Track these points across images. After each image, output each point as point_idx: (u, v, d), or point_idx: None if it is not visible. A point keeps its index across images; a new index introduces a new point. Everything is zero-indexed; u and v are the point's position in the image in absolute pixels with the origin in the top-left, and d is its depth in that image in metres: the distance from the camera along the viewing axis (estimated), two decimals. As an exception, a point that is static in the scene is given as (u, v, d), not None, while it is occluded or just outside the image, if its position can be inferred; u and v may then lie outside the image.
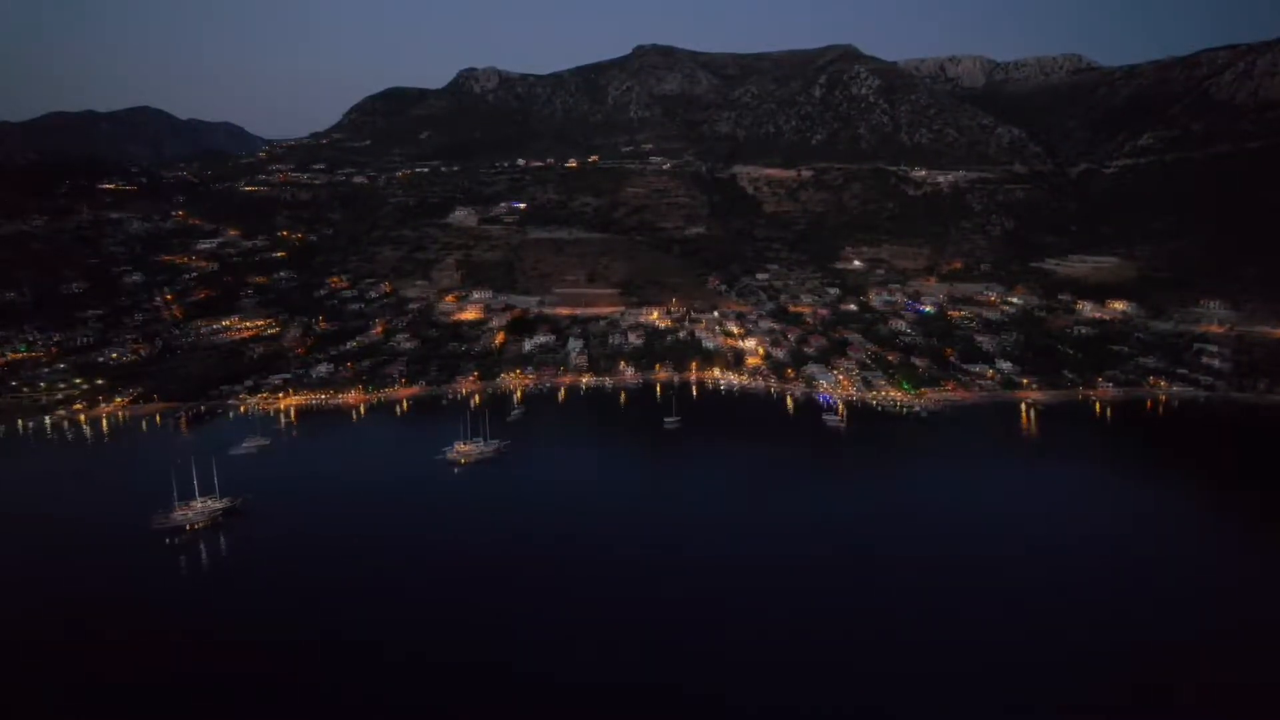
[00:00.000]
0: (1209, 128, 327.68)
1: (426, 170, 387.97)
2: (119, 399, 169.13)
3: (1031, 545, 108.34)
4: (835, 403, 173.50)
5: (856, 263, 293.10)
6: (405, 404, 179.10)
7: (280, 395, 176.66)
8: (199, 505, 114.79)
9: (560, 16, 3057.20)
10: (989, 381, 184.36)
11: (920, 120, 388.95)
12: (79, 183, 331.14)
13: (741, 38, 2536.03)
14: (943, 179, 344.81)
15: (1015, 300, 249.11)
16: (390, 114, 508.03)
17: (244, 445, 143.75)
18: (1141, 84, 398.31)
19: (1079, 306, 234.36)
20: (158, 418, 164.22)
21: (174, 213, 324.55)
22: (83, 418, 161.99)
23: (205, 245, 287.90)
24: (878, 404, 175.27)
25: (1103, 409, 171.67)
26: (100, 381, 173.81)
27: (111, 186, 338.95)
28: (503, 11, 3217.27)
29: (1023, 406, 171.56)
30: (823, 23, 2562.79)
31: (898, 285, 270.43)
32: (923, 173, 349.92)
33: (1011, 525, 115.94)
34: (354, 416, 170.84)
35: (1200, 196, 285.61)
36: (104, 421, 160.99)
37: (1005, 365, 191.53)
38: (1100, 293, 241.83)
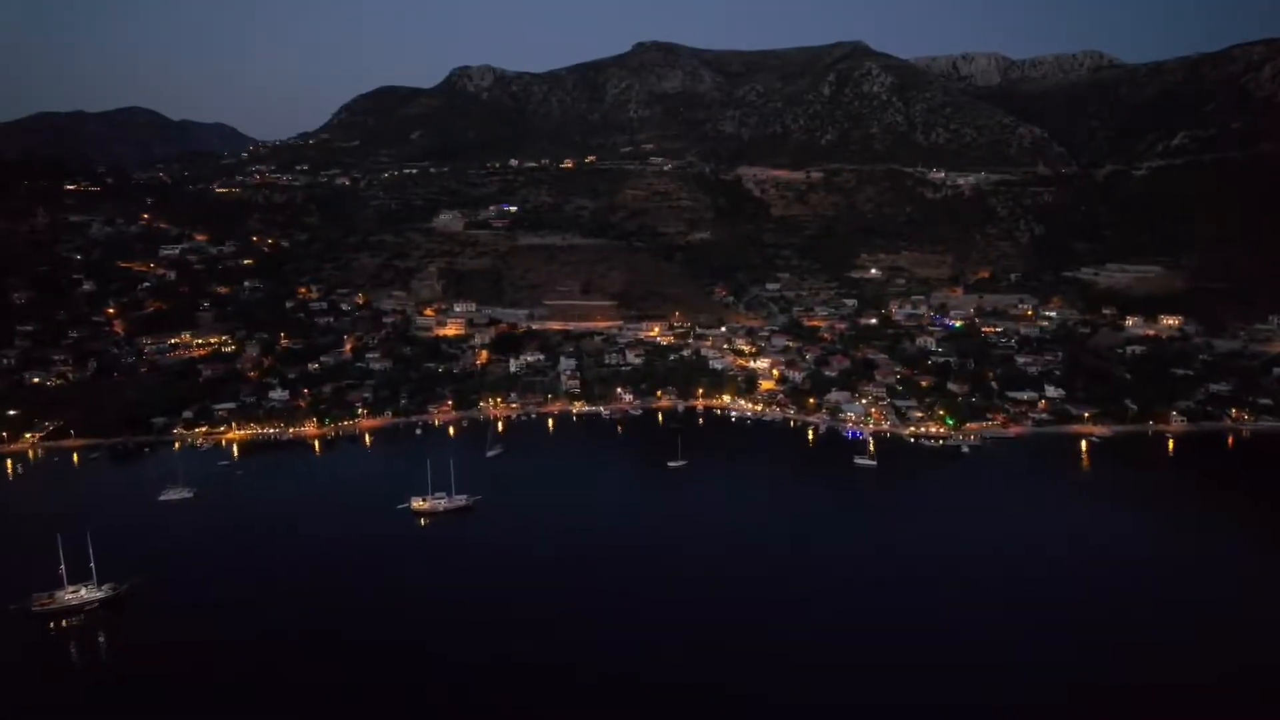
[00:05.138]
0: (1250, 126, 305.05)
1: (414, 171, 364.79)
2: (30, 435, 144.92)
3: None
4: (865, 438, 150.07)
5: (874, 271, 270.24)
6: (369, 437, 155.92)
7: (225, 428, 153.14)
8: (67, 596, 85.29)
9: (558, 13, 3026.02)
10: (1040, 413, 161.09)
11: (936, 119, 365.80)
12: (39, 183, 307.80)
13: (746, 34, 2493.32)
14: (963, 181, 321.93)
15: (1052, 314, 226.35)
16: (380, 113, 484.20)
17: (164, 496, 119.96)
18: (1169, 81, 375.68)
19: (1126, 322, 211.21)
20: (75, 456, 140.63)
21: (141, 216, 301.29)
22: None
23: (168, 251, 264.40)
24: (913, 439, 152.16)
25: (1176, 445, 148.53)
26: (13, 412, 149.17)
27: (75, 188, 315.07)
28: (499, 8, 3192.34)
29: (1082, 444, 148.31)
30: (830, 19, 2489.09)
31: (921, 296, 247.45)
32: (941, 174, 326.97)
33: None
34: (311, 452, 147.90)
35: (1247, 200, 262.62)
36: (9, 462, 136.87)
37: (1054, 392, 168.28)
38: (1147, 306, 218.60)
